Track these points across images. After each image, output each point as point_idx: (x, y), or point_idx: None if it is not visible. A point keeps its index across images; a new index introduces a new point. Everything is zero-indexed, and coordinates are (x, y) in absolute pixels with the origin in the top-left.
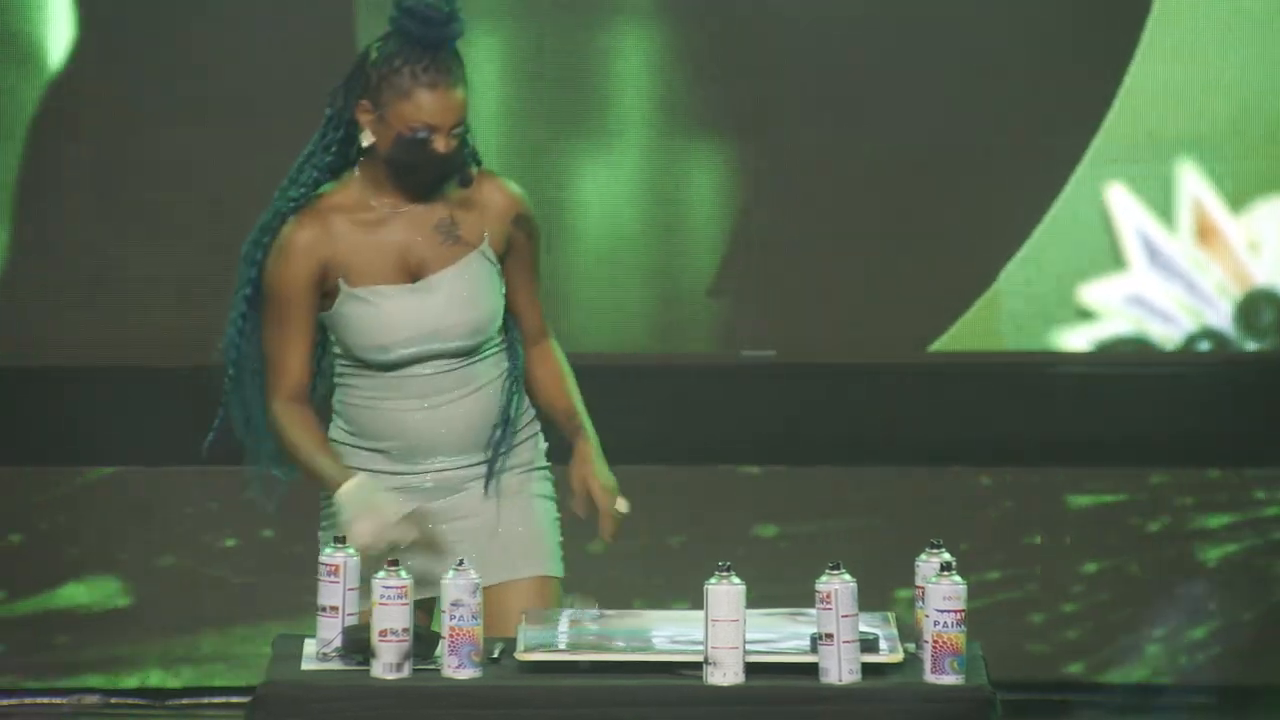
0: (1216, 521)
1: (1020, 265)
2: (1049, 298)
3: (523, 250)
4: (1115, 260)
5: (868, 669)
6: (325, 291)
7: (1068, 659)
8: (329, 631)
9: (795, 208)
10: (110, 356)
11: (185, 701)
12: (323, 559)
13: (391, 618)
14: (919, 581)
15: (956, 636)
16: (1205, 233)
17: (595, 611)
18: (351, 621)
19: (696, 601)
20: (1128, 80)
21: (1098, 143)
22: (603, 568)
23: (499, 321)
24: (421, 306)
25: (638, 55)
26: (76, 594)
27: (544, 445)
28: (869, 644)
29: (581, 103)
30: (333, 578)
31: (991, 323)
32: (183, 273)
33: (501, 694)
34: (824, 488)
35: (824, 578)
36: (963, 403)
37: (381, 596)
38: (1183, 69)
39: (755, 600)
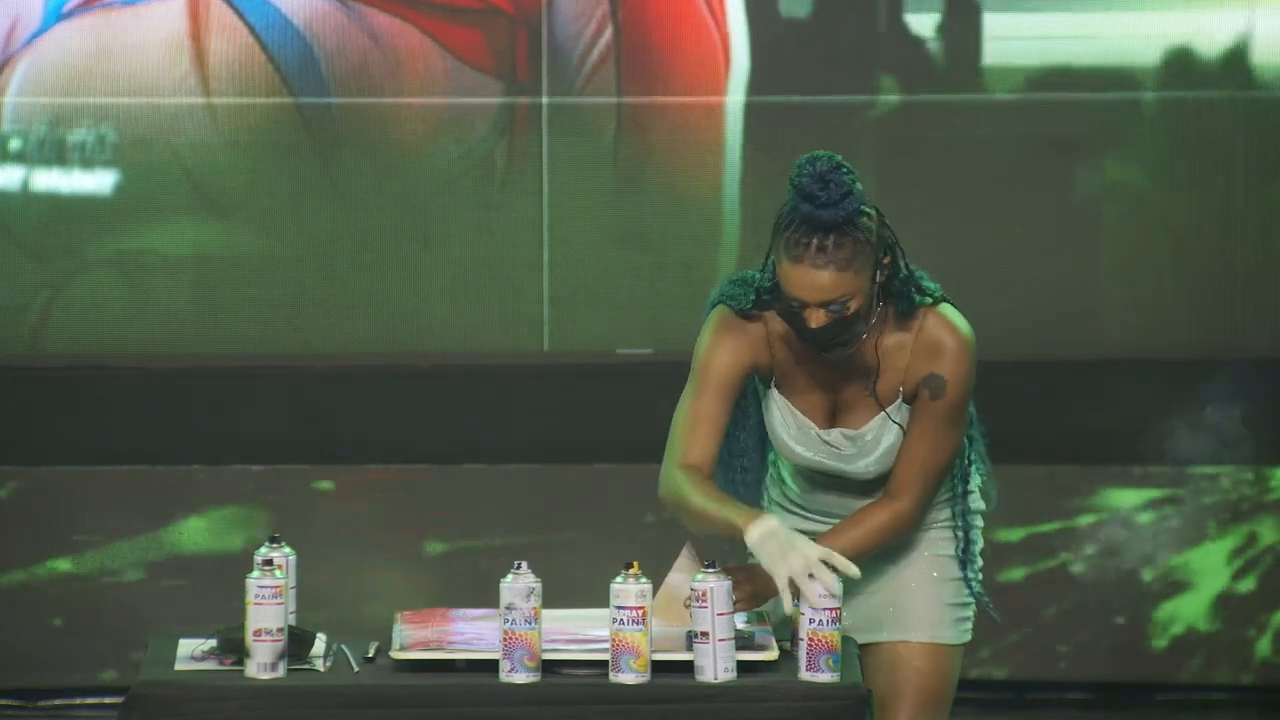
0: None
1: None
2: None
3: (921, 409)
4: None
5: (743, 667)
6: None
7: None
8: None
9: None
10: None
11: (58, 702)
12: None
13: (266, 617)
14: None
15: (831, 634)
16: None
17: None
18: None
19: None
20: None
21: None
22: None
23: None
24: (829, 453)
25: None
26: None
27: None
28: (744, 642)
29: None
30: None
31: None
32: None
33: (377, 693)
34: None
35: (699, 576)
36: None
37: (256, 596)
38: None
39: None
